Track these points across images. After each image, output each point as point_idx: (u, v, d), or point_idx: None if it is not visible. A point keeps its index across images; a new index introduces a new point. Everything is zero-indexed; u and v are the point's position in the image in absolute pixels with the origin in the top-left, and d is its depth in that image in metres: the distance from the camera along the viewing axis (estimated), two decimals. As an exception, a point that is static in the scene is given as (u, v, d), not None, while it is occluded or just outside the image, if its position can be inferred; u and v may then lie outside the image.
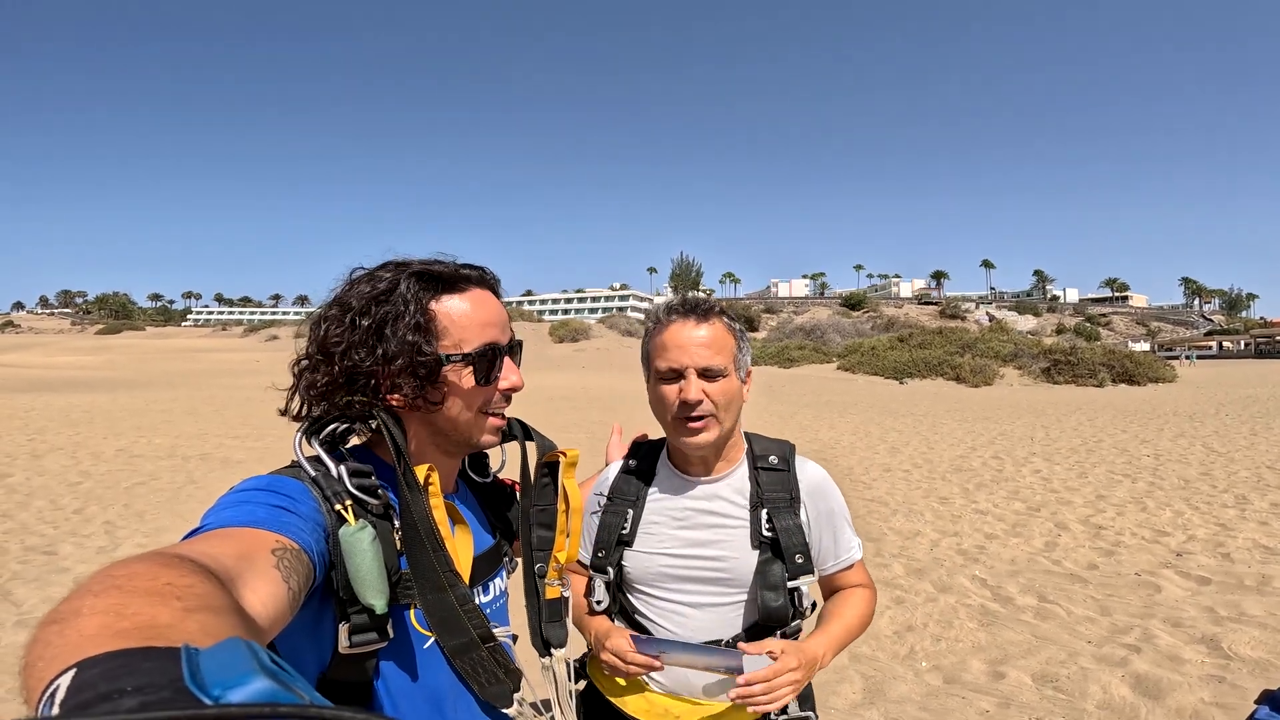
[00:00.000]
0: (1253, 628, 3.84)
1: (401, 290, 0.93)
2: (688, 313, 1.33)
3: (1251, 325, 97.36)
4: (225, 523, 0.73)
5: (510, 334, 1.04)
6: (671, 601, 1.36)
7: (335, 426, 0.93)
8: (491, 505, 1.18)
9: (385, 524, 0.88)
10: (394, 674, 0.91)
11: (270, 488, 0.82)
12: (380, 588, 0.81)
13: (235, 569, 0.62)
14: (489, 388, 0.99)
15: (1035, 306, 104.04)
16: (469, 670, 0.94)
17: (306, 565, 0.75)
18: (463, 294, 0.98)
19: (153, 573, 0.48)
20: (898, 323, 68.70)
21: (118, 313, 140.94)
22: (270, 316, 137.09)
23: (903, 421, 15.01)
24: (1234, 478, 8.15)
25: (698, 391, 1.28)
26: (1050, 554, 5.35)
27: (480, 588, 1.05)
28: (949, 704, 3.15)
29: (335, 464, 0.87)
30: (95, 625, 0.40)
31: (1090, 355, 30.30)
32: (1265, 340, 73.28)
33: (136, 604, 0.43)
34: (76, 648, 0.37)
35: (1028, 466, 9.16)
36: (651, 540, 1.38)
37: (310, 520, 0.81)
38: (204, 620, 0.44)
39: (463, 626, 0.91)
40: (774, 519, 1.33)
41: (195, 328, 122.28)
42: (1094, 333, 76.44)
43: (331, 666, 0.86)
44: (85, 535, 5.82)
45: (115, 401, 17.82)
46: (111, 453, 9.85)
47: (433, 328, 0.94)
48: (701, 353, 1.29)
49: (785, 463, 1.40)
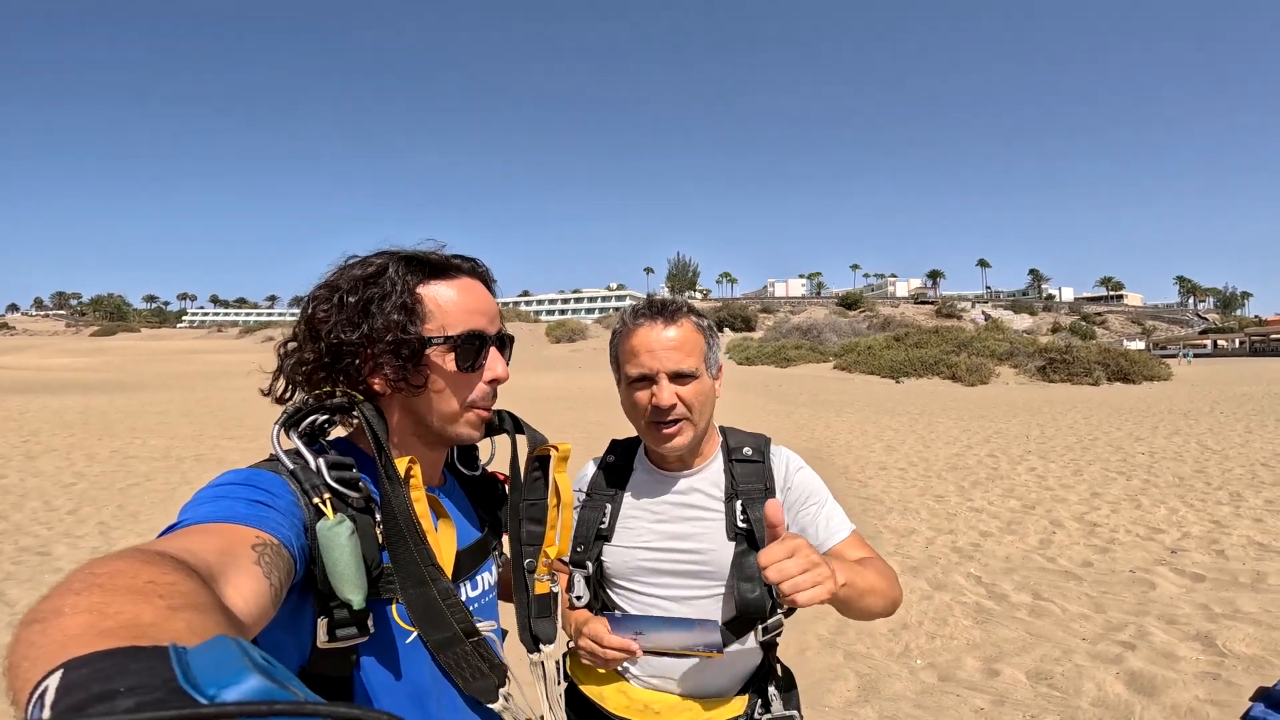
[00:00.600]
0: (1247, 624, 3.84)
1: (390, 273, 0.94)
2: (655, 315, 1.31)
3: (1246, 324, 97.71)
4: (204, 518, 0.72)
5: (499, 327, 1.03)
6: (651, 596, 1.35)
7: (315, 418, 0.91)
8: (480, 499, 1.17)
9: (366, 517, 0.87)
10: (374, 669, 0.90)
11: (248, 482, 0.81)
12: (358, 582, 0.79)
13: (217, 565, 0.61)
14: (472, 375, 0.98)
15: (1031, 305, 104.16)
16: (452, 665, 0.93)
17: (287, 560, 0.74)
18: (451, 281, 0.98)
19: (134, 570, 0.47)
20: (894, 322, 68.74)
21: (113, 314, 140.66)
22: (266, 318, 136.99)
23: (899, 420, 15.03)
24: (1228, 475, 8.18)
25: (670, 396, 1.27)
26: (1045, 551, 5.36)
27: (467, 582, 1.04)
28: (944, 701, 3.15)
29: (314, 456, 0.86)
30: (79, 625, 0.39)
31: (1085, 354, 30.37)
32: (1260, 338, 73.50)
33: (119, 602, 0.42)
34: (61, 648, 0.36)
35: (1023, 464, 9.18)
36: (630, 534, 1.38)
37: (289, 514, 0.80)
38: (189, 619, 0.43)
39: (445, 621, 0.90)
40: (748, 510, 1.32)
41: (190, 329, 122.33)
42: (1089, 331, 76.58)
43: (311, 661, 0.85)
44: (79, 536, 5.80)
45: (110, 403, 17.77)
46: (106, 454, 9.82)
47: (419, 310, 0.94)
48: (671, 356, 1.27)
49: (760, 454, 1.40)
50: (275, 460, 0.87)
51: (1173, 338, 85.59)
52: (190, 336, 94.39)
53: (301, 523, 0.81)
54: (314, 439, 0.92)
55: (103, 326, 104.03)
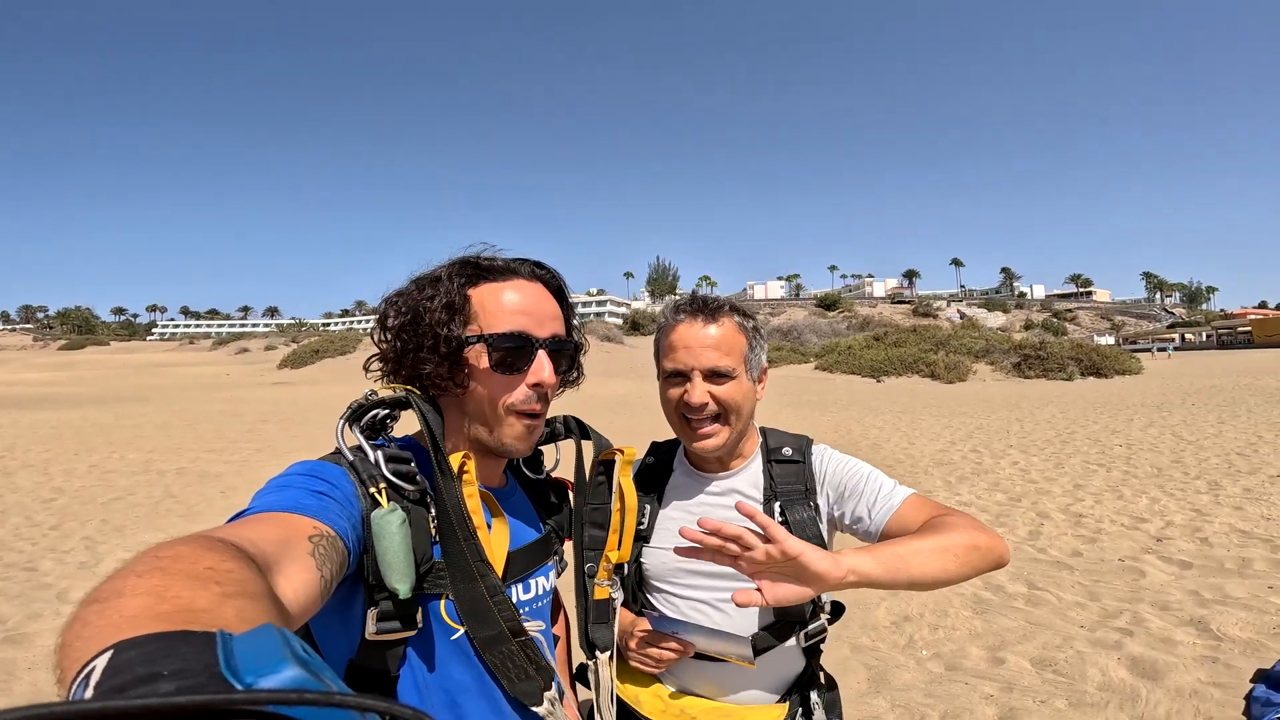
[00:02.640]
0: (1238, 609, 3.95)
1: (444, 276, 0.98)
2: (696, 311, 1.29)
3: (1212, 317, 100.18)
4: (268, 507, 0.75)
5: (556, 331, 1.03)
6: (688, 598, 1.34)
7: (376, 413, 0.93)
8: (543, 503, 1.17)
9: (420, 509, 0.89)
10: (419, 665, 0.91)
11: (312, 473, 0.84)
12: (406, 571, 0.80)
13: (273, 555, 0.63)
14: (512, 378, 0.98)
15: (1004, 303, 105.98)
16: (498, 664, 0.94)
17: (341, 551, 0.76)
18: (504, 282, 1.00)
19: (195, 556, 0.49)
20: (873, 322, 69.46)
21: (81, 327, 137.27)
22: (240, 329, 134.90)
23: (882, 418, 15.18)
24: (1205, 464, 8.38)
25: (701, 394, 1.26)
26: (1035, 543, 5.45)
27: (520, 584, 1.04)
28: (953, 690, 3.20)
29: (372, 450, 0.88)
30: (136, 606, 0.40)
31: (1059, 350, 30.91)
32: (1227, 331, 75.38)
33: (177, 587, 0.43)
34: (116, 628, 0.37)
35: (1006, 459, 9.32)
36: (668, 536, 1.36)
37: (346, 504, 0.82)
38: (240, 606, 0.44)
39: (492, 618, 0.91)
40: (787, 512, 1.30)
41: (161, 341, 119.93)
42: (1061, 328, 77.99)
43: (360, 653, 0.87)
44: (65, 551, 5.68)
45: (84, 417, 17.39)
46: (84, 469, 9.61)
47: (465, 310, 0.97)
48: (708, 354, 1.25)
49: (800, 454, 1.37)
50: (339, 453, 0.90)
51: (1141, 332, 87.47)
52: (161, 349, 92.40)
53: (359, 513, 0.83)
54: (376, 433, 0.93)
55: (71, 340, 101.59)
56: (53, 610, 4.33)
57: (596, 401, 19.55)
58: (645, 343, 56.21)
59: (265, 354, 65.20)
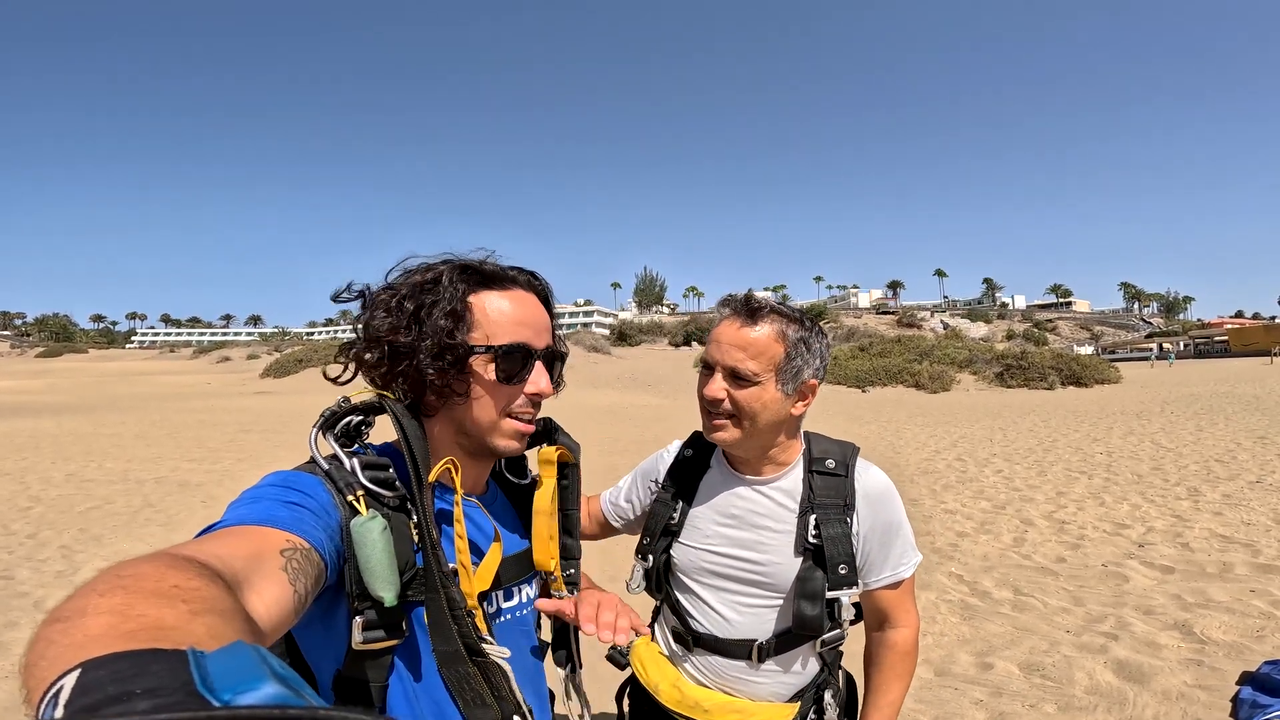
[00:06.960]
0: (1221, 613, 3.99)
1: (444, 280, 0.95)
2: (737, 311, 1.30)
3: (1189, 327, 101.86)
4: (239, 520, 0.73)
5: (549, 342, 1.03)
6: (709, 600, 1.35)
7: (350, 420, 0.92)
8: (525, 509, 1.14)
9: (400, 516, 0.87)
10: (407, 674, 0.90)
11: (286, 483, 0.82)
12: (389, 579, 0.79)
13: (243, 571, 0.62)
14: (513, 387, 0.98)
15: (986, 314, 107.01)
16: (454, 684, 0.90)
17: (317, 564, 0.75)
18: (504, 292, 0.99)
19: (159, 574, 0.47)
20: (858, 332, 69.66)
21: (58, 335, 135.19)
22: (221, 338, 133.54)
23: (868, 428, 15.26)
24: (1184, 471, 8.48)
25: (715, 390, 1.27)
26: (1019, 549, 5.49)
27: (503, 592, 1.02)
28: (942, 695, 3.21)
29: (348, 457, 0.87)
30: (101, 625, 0.39)
31: (1040, 359, 31.22)
32: (1204, 341, 76.60)
33: (143, 605, 0.42)
34: (81, 647, 0.36)
35: (989, 467, 9.39)
36: (696, 534, 1.37)
37: (323, 514, 0.80)
38: (210, 623, 0.43)
39: (450, 634, 0.88)
40: (821, 526, 1.28)
41: (141, 349, 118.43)
42: (1042, 338, 78.87)
43: (347, 663, 0.85)
44: (41, 560, 5.57)
45: (60, 426, 17.09)
46: (61, 478, 9.44)
47: (467, 318, 0.94)
48: (733, 353, 1.25)
49: (844, 467, 1.34)
50: (314, 462, 0.88)
51: (1120, 342, 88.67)
52: (141, 357, 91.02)
53: (337, 523, 0.82)
54: (351, 440, 0.92)
55: (48, 347, 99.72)
56: (29, 619, 4.24)
57: (583, 411, 19.51)
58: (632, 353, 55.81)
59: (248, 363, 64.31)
